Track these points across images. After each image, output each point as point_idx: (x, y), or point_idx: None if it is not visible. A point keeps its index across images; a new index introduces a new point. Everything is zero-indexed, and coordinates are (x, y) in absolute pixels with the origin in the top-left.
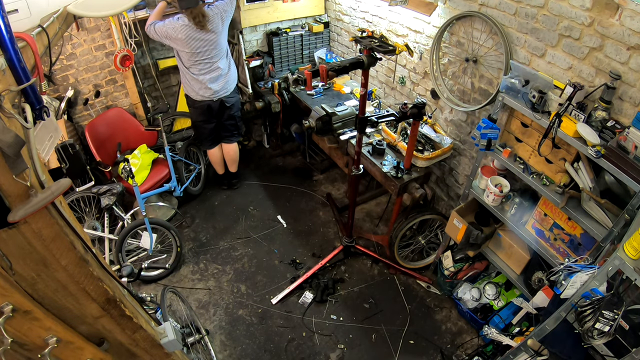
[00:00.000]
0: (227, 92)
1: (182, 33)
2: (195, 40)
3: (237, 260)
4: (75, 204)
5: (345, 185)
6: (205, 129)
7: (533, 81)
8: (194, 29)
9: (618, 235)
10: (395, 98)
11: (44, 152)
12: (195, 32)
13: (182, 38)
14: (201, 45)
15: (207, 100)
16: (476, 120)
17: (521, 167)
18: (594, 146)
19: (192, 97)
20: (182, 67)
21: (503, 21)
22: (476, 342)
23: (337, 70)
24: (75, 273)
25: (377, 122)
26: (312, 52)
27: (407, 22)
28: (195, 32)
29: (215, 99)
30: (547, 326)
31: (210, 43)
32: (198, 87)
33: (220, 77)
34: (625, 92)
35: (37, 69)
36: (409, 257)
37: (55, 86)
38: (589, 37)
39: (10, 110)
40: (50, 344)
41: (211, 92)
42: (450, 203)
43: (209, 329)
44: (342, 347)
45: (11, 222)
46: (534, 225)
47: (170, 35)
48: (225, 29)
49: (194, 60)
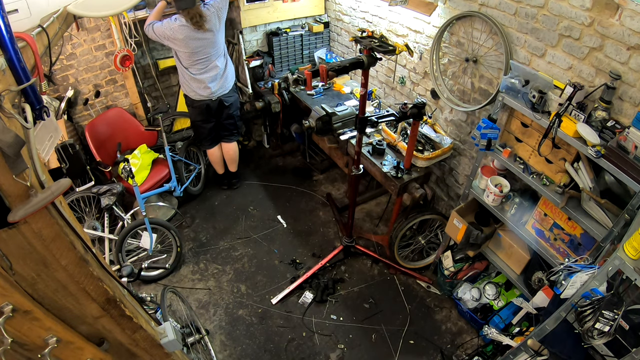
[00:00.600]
0: (226, 91)
1: (181, 33)
2: (193, 40)
3: (237, 260)
4: (75, 204)
5: (345, 185)
6: (205, 128)
7: (533, 81)
8: (192, 29)
9: (618, 235)
10: (395, 98)
11: (44, 152)
12: (193, 32)
13: (180, 38)
14: (199, 44)
15: (205, 100)
16: (476, 120)
17: (521, 167)
18: (594, 146)
19: (191, 96)
20: (181, 67)
21: (503, 21)
22: (476, 342)
23: (337, 70)
24: (75, 273)
25: (377, 122)
26: (312, 52)
27: (407, 22)
28: (193, 32)
29: (214, 98)
30: (547, 326)
31: (208, 42)
32: (197, 87)
33: (218, 75)
34: (625, 92)
35: (37, 69)
36: (409, 257)
37: (55, 86)
38: (589, 37)
39: (10, 110)
40: (50, 344)
41: (210, 91)
42: (450, 203)
43: (209, 329)
44: (342, 347)
45: (11, 222)
46: (534, 225)
47: (169, 35)
48: (222, 27)
49: (193, 60)
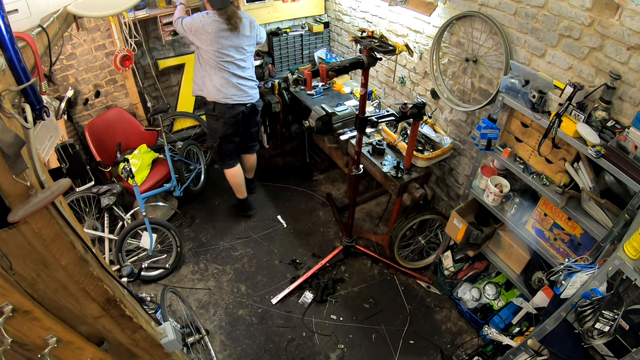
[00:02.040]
0: (258, 95)
1: (212, 27)
2: (224, 38)
3: (237, 260)
4: (75, 204)
5: (345, 185)
6: (234, 142)
7: (533, 81)
8: (225, 28)
9: (618, 235)
10: (395, 98)
11: (44, 152)
12: (225, 31)
13: (210, 32)
14: (229, 44)
15: (241, 106)
16: (476, 120)
17: (521, 167)
18: (594, 146)
19: (225, 102)
20: (211, 72)
21: (503, 21)
22: (476, 342)
23: (337, 70)
24: (75, 273)
25: (377, 122)
26: (312, 52)
27: (407, 22)
28: (226, 32)
29: (249, 103)
30: (547, 326)
31: (240, 44)
32: (234, 93)
33: (251, 80)
34: (625, 92)
35: (37, 69)
36: (409, 257)
37: (55, 86)
38: (589, 37)
39: (10, 110)
40: (50, 344)
41: (247, 95)
42: (450, 203)
43: (209, 329)
44: (342, 347)
45: (11, 222)
46: (534, 225)
47: (197, 27)
48: (253, 38)
49: (225, 61)
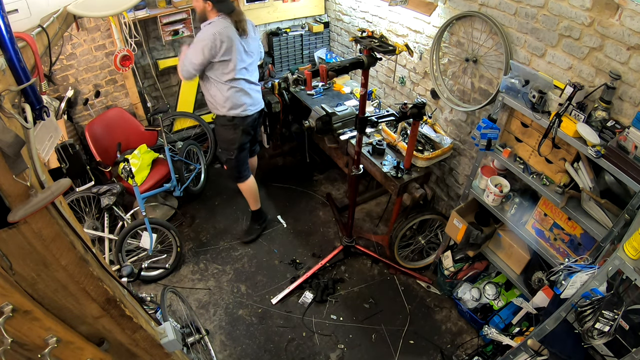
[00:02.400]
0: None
1: (235, 36)
2: (239, 43)
3: (237, 260)
4: (75, 204)
5: (345, 185)
6: (247, 149)
7: (533, 81)
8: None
9: (618, 235)
10: (395, 98)
11: (44, 152)
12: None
13: (232, 38)
14: (243, 49)
15: (256, 113)
16: (476, 120)
17: (521, 167)
18: (594, 146)
19: (242, 113)
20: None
21: (503, 21)
22: (476, 342)
23: (337, 70)
24: (75, 273)
25: (377, 122)
26: (312, 52)
27: (407, 22)
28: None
29: (260, 109)
30: (547, 326)
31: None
32: (251, 101)
33: (258, 85)
34: (625, 92)
35: (37, 69)
36: (409, 257)
37: (55, 86)
38: (589, 37)
39: (10, 110)
40: (50, 344)
41: (259, 101)
42: (450, 203)
43: (209, 329)
44: (342, 347)
45: (11, 222)
46: (534, 225)
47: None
48: (257, 40)
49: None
